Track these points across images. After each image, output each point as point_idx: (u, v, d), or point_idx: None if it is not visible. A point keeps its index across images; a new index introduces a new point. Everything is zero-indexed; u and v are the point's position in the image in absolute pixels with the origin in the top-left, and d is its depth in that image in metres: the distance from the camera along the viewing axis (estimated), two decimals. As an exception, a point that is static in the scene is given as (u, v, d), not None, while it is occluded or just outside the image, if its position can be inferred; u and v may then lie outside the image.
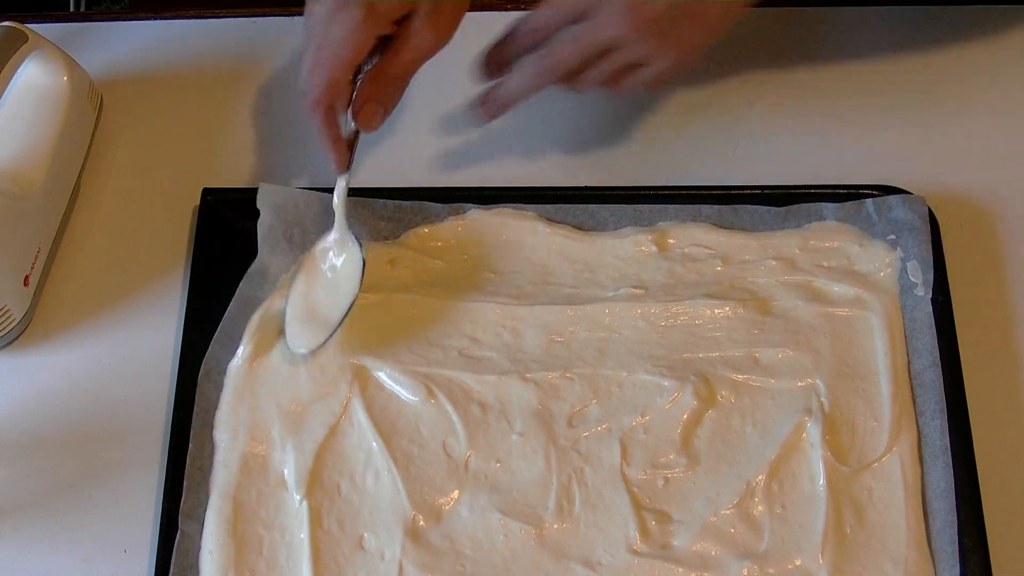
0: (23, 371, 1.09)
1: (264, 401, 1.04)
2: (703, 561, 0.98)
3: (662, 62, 1.06)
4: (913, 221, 1.08)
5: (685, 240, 1.11)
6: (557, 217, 1.12)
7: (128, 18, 1.30)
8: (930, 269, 1.07)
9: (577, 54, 1.05)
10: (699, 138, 1.20)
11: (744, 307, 1.07)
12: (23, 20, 1.13)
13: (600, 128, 1.20)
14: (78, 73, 1.17)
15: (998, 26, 1.26)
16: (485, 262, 1.10)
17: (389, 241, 1.11)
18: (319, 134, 1.04)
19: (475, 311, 1.07)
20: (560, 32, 1.05)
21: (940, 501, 0.99)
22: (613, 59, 1.06)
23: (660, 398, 1.03)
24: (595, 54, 1.05)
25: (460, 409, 1.03)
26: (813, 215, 1.11)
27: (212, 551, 0.98)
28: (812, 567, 0.97)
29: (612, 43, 1.04)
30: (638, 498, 1.00)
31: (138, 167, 1.19)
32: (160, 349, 1.09)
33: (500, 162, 1.18)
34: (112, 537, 1.02)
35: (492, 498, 1.00)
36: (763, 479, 1.00)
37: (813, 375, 1.04)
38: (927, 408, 1.02)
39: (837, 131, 1.20)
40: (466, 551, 0.98)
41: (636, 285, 1.09)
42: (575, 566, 0.98)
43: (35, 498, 1.03)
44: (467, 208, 1.12)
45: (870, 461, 1.01)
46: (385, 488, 1.01)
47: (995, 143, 1.19)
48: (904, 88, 1.22)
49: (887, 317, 1.06)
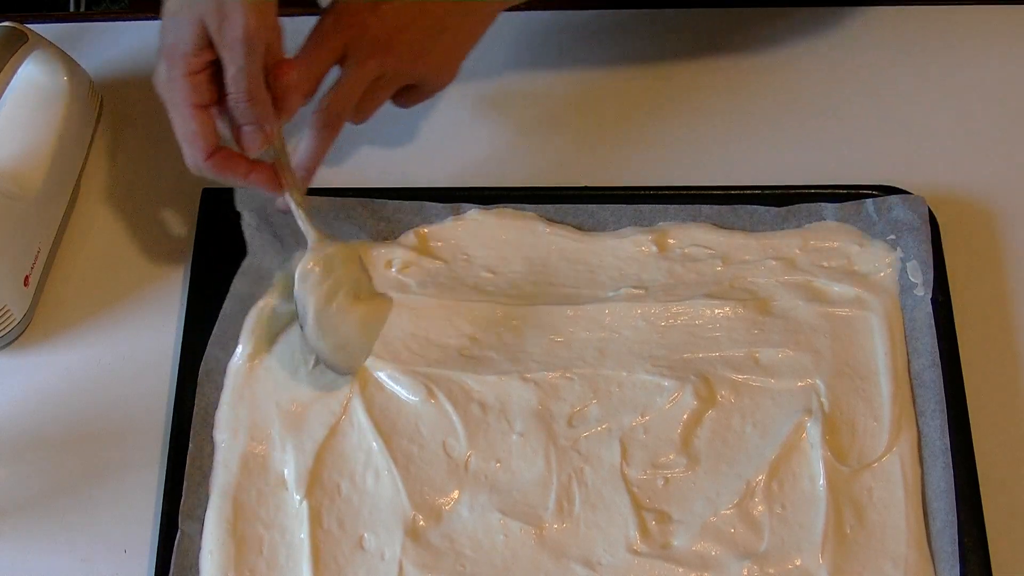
0: (23, 371, 1.09)
1: (264, 401, 1.04)
2: (703, 561, 0.98)
3: (428, 85, 1.12)
4: (913, 221, 1.08)
5: (685, 240, 1.11)
6: (557, 217, 1.12)
7: (128, 18, 1.30)
8: (930, 269, 1.07)
9: (350, 99, 1.07)
10: (699, 138, 1.20)
11: (744, 307, 1.07)
12: (23, 20, 1.13)
13: (600, 128, 1.20)
14: (78, 73, 1.17)
15: (997, 26, 1.26)
16: (485, 262, 1.10)
17: (389, 241, 1.11)
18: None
19: (475, 311, 1.07)
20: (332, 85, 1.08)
21: (940, 501, 0.99)
22: (384, 88, 1.09)
23: (660, 398, 1.03)
24: (365, 89, 1.08)
25: (460, 409, 1.03)
26: (813, 215, 1.11)
27: (212, 551, 0.98)
28: (812, 567, 0.97)
29: (377, 76, 1.07)
30: (638, 498, 1.00)
31: (138, 167, 1.19)
32: (160, 349, 1.09)
33: (500, 162, 1.18)
34: (112, 537, 1.02)
35: (492, 498, 1.00)
36: (763, 479, 1.00)
37: (813, 375, 1.04)
38: (927, 408, 1.02)
39: (837, 131, 1.20)
40: (466, 551, 0.99)
41: (636, 285, 1.09)
42: (575, 566, 0.98)
43: (35, 498, 1.03)
44: (467, 208, 1.12)
45: (870, 461, 1.01)
46: (385, 488, 1.01)
47: (995, 143, 1.19)
48: (904, 88, 1.22)
49: (887, 317, 1.06)
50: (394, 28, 1.06)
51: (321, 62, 1.06)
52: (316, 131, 1.07)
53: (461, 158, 1.19)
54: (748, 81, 1.23)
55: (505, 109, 1.22)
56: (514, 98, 1.23)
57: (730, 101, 1.22)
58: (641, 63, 1.24)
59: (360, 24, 1.06)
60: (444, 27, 1.08)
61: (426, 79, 1.11)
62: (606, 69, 1.24)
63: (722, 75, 1.24)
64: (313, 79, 1.06)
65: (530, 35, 1.26)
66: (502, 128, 1.20)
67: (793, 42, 1.25)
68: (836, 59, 1.24)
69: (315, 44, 1.06)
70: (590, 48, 1.25)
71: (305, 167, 1.07)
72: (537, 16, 1.27)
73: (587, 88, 1.23)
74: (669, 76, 1.24)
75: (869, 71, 1.23)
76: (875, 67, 1.24)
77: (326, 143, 1.07)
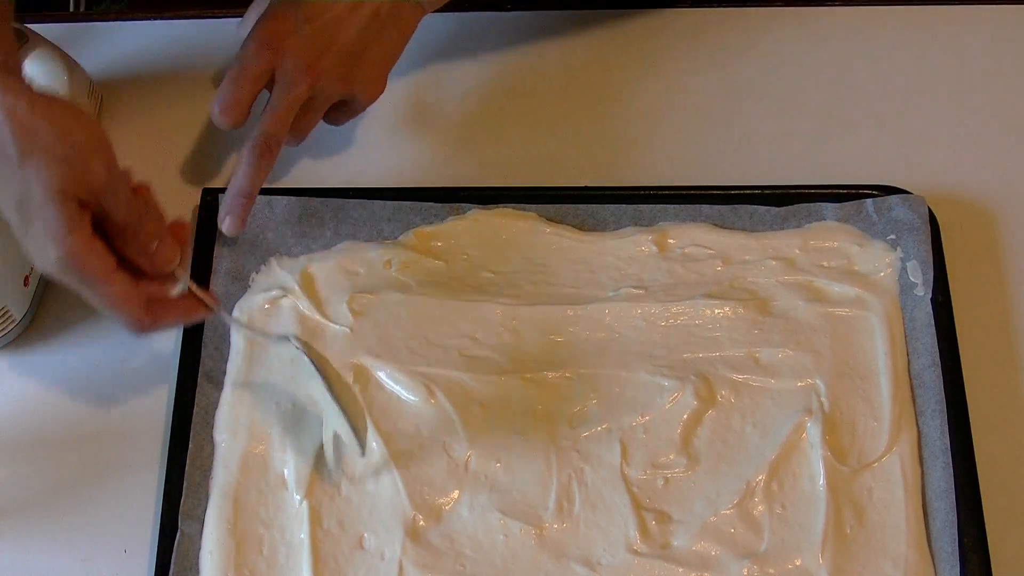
0: (23, 371, 1.09)
1: (263, 401, 1.04)
2: (703, 561, 0.98)
3: (359, 101, 1.14)
4: (913, 221, 1.08)
5: (685, 240, 1.11)
6: (557, 217, 1.12)
7: (128, 18, 1.30)
8: (930, 269, 1.07)
9: (284, 124, 1.09)
10: (699, 138, 1.20)
11: (744, 307, 1.07)
12: (23, 20, 1.13)
13: (600, 128, 1.20)
14: (78, 73, 1.17)
15: (997, 26, 1.26)
16: (485, 262, 1.10)
17: (389, 241, 1.11)
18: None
19: (475, 311, 1.07)
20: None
21: (940, 501, 0.99)
22: (316, 109, 1.11)
23: (660, 398, 1.03)
24: (297, 111, 1.09)
25: (460, 409, 1.03)
26: (813, 215, 1.11)
27: (212, 551, 0.98)
28: (812, 567, 0.97)
29: (308, 98, 1.09)
30: (638, 498, 1.00)
31: (138, 167, 1.17)
32: (160, 349, 1.09)
33: (500, 162, 1.18)
34: (112, 537, 1.02)
35: (492, 498, 1.00)
36: (763, 479, 1.00)
37: (813, 375, 1.05)
38: (927, 408, 1.03)
39: (838, 131, 1.20)
40: (466, 551, 0.99)
41: (636, 285, 1.09)
42: (575, 566, 0.98)
43: (35, 498, 1.03)
44: (467, 208, 1.12)
45: (870, 461, 1.01)
46: (385, 488, 1.01)
47: (995, 143, 1.19)
48: (904, 88, 1.22)
49: (887, 317, 1.06)
50: (318, 49, 1.08)
51: (248, 90, 1.08)
52: (253, 159, 1.08)
53: (461, 158, 1.19)
54: (748, 81, 1.23)
55: (505, 109, 1.22)
56: (514, 98, 1.22)
57: (730, 101, 1.22)
58: (641, 63, 1.24)
59: (284, 48, 1.08)
60: (367, 43, 1.10)
61: (356, 95, 1.12)
62: (607, 69, 1.24)
63: (722, 75, 1.24)
64: (242, 107, 1.08)
65: (529, 35, 1.26)
66: (502, 128, 1.20)
67: (793, 42, 1.25)
68: (836, 59, 1.24)
69: (241, 72, 1.08)
70: (590, 48, 1.25)
71: (245, 194, 1.08)
72: (535, 16, 1.27)
73: (587, 88, 1.23)
74: (670, 76, 1.24)
75: (869, 71, 1.23)
76: (875, 67, 1.24)
77: (264, 170, 1.08)
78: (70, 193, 0.88)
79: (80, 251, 0.89)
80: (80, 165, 0.88)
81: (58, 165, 0.87)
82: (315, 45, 1.08)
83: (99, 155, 0.90)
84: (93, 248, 0.90)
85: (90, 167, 0.89)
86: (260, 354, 1.06)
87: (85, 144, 0.88)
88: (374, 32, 1.10)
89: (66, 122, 0.88)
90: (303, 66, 1.07)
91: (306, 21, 1.08)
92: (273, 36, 1.08)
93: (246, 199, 1.08)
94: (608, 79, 1.23)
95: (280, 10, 1.09)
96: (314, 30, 1.08)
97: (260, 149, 1.07)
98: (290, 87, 1.07)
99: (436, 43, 1.25)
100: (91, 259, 0.90)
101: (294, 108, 1.08)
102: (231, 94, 1.08)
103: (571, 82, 1.23)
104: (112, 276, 0.92)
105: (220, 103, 1.08)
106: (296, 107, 1.08)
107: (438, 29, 1.25)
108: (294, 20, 1.08)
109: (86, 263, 0.90)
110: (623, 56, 1.25)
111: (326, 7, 1.08)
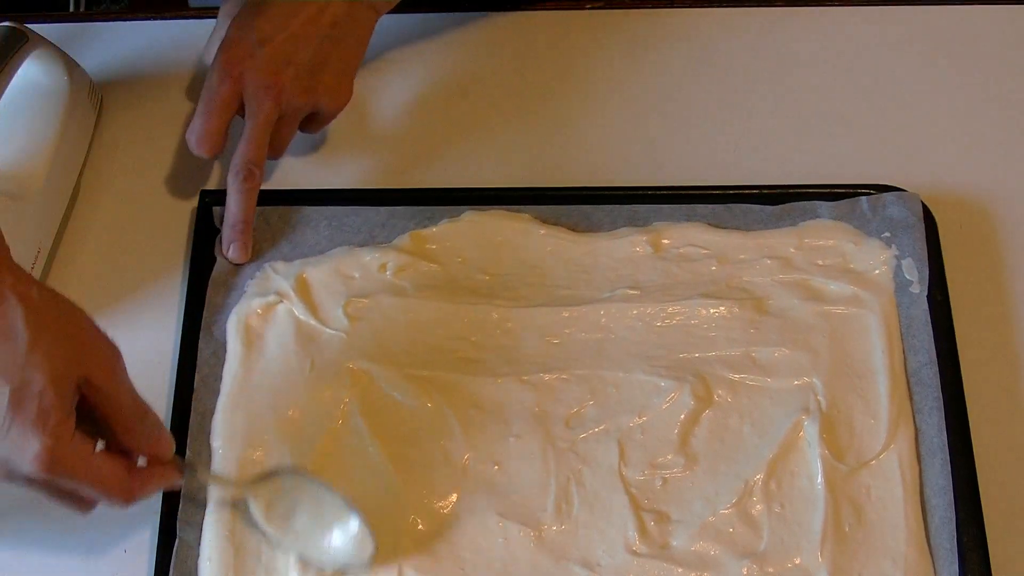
0: (23, 371, 1.09)
1: (260, 407, 1.04)
2: (702, 561, 0.98)
3: (327, 111, 1.15)
4: (908, 219, 1.09)
5: (680, 240, 1.10)
6: (552, 218, 1.12)
7: (128, 18, 1.31)
8: (925, 266, 1.07)
9: (262, 147, 1.11)
10: (694, 138, 1.19)
11: (740, 306, 1.07)
12: (23, 20, 1.13)
13: (594, 128, 1.20)
14: (78, 73, 1.17)
15: (997, 26, 1.25)
16: (480, 265, 1.10)
17: (384, 244, 1.11)
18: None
19: (471, 314, 1.07)
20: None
21: (939, 498, 0.99)
22: (289, 124, 1.13)
23: (657, 398, 1.03)
24: (271, 130, 1.11)
25: (457, 412, 1.03)
26: (808, 213, 1.11)
27: (211, 557, 0.98)
28: (811, 566, 0.97)
29: (279, 116, 1.11)
30: (636, 499, 1.00)
31: (138, 167, 1.19)
32: (160, 349, 1.09)
33: (494, 163, 1.18)
34: (112, 537, 1.02)
35: (491, 500, 1.00)
36: (761, 478, 1.00)
37: (810, 374, 1.04)
38: (924, 405, 1.03)
39: (834, 130, 1.20)
40: (465, 554, 0.98)
41: (632, 286, 1.09)
42: (574, 567, 0.98)
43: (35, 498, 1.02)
44: (462, 210, 1.12)
45: (868, 459, 1.01)
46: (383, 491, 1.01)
47: (993, 142, 1.19)
48: (902, 87, 1.22)
49: (883, 315, 1.06)
50: (277, 68, 1.10)
51: (218, 119, 1.11)
52: (239, 187, 1.09)
53: (455, 160, 1.19)
54: (743, 80, 1.23)
55: (499, 110, 1.22)
56: (507, 99, 1.23)
57: (725, 100, 1.22)
58: (635, 63, 1.24)
59: (244, 73, 1.10)
60: (326, 55, 1.12)
61: (323, 106, 1.14)
62: (600, 69, 1.24)
63: (717, 74, 1.24)
64: (217, 137, 1.11)
65: (525, 35, 1.26)
66: (496, 129, 1.20)
67: (788, 42, 1.25)
68: (832, 58, 1.24)
69: (208, 103, 1.11)
70: (585, 48, 1.25)
71: (243, 220, 1.10)
72: (532, 16, 1.27)
73: (581, 88, 1.23)
74: (664, 76, 1.24)
75: (865, 70, 1.23)
76: (872, 66, 1.23)
77: (253, 195, 1.10)
78: (72, 375, 0.86)
79: (65, 441, 0.85)
80: (88, 344, 0.88)
81: (67, 342, 0.86)
82: (273, 64, 1.10)
83: (103, 339, 0.89)
84: (79, 438, 0.87)
85: (97, 345, 0.88)
86: (257, 360, 1.06)
87: (91, 327, 0.89)
88: (331, 43, 1.12)
89: (71, 308, 0.88)
90: (264, 87, 1.09)
91: (261, 43, 1.10)
92: (232, 63, 1.10)
93: (244, 224, 1.10)
94: (602, 79, 1.23)
95: (236, 35, 1.11)
96: (271, 50, 1.10)
97: (244, 175, 1.09)
98: (258, 110, 1.09)
99: (431, 44, 1.25)
100: (78, 448, 0.86)
101: (267, 128, 1.10)
102: (203, 126, 1.10)
103: (565, 82, 1.23)
104: (96, 463, 0.88)
105: (195, 136, 1.11)
106: (269, 127, 1.10)
107: (435, 29, 1.25)
108: (250, 44, 1.10)
109: (71, 455, 0.86)
110: (617, 56, 1.25)
111: (279, 26, 1.10)
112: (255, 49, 1.10)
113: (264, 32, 1.10)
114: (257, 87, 1.10)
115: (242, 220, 1.10)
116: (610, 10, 1.27)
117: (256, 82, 1.10)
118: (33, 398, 0.84)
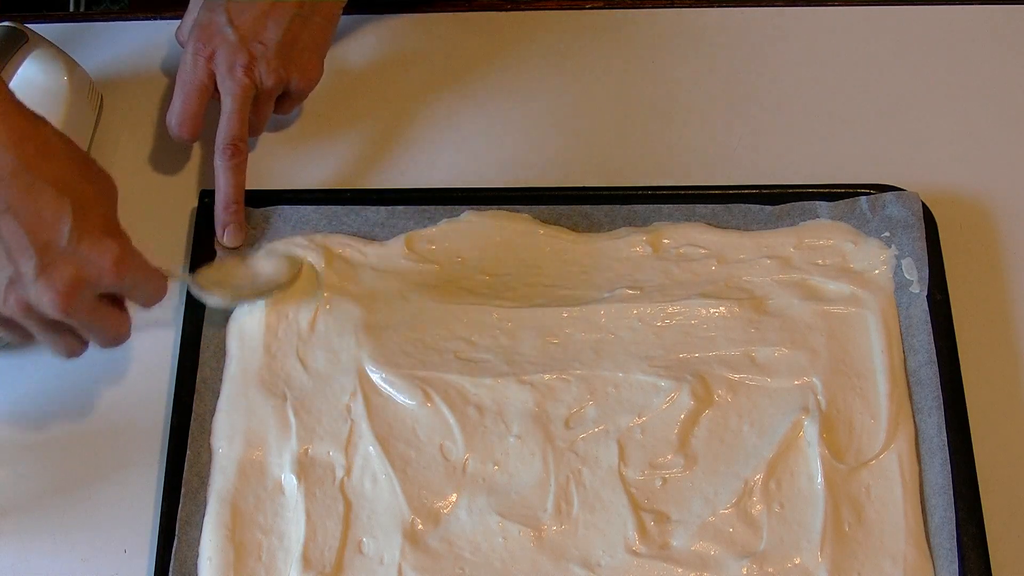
0: (23, 371, 1.09)
1: (260, 407, 1.04)
2: (702, 561, 0.98)
3: (298, 90, 1.17)
4: (907, 218, 1.09)
5: (680, 240, 1.11)
6: (551, 219, 1.12)
7: (128, 18, 1.31)
8: (925, 266, 1.07)
9: (242, 125, 1.12)
10: (694, 138, 1.19)
11: (740, 306, 1.07)
12: (23, 20, 1.14)
13: (593, 129, 1.20)
14: (78, 73, 1.17)
15: (997, 26, 1.25)
16: (480, 265, 1.10)
17: (383, 244, 1.11)
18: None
19: (470, 314, 1.07)
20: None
21: (938, 498, 0.99)
22: (265, 102, 1.15)
23: (657, 398, 1.03)
24: (249, 106, 1.13)
25: (457, 412, 1.03)
26: (807, 213, 1.11)
27: (211, 557, 0.98)
28: (811, 565, 0.97)
29: (255, 94, 1.13)
30: (636, 499, 1.00)
31: (138, 167, 1.19)
32: (159, 349, 1.09)
33: (493, 164, 1.18)
34: (112, 537, 1.02)
35: (490, 500, 1.00)
36: (761, 478, 1.00)
37: (810, 373, 1.05)
38: (924, 405, 1.03)
39: (834, 130, 1.20)
40: (465, 554, 0.99)
41: (631, 286, 1.09)
42: (574, 567, 0.98)
43: (35, 498, 1.03)
44: (462, 211, 1.12)
45: (868, 459, 1.01)
46: (383, 492, 1.01)
47: (993, 142, 1.19)
48: (901, 87, 1.22)
49: (883, 315, 1.06)
50: (249, 44, 1.12)
51: (195, 101, 1.13)
52: (227, 164, 1.11)
53: (454, 160, 1.19)
54: (743, 80, 1.23)
55: (499, 110, 1.22)
56: (507, 99, 1.22)
57: (725, 100, 1.22)
58: (635, 63, 1.24)
59: (215, 53, 1.12)
60: (295, 34, 1.14)
61: (294, 84, 1.16)
62: (600, 69, 1.24)
63: (716, 74, 1.24)
64: (195, 119, 1.13)
65: (523, 35, 1.26)
66: (496, 129, 1.20)
67: (788, 41, 1.25)
68: (832, 58, 1.24)
69: (183, 86, 1.13)
70: (585, 48, 1.25)
71: (233, 201, 1.11)
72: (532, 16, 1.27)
73: (580, 88, 1.23)
74: (663, 75, 1.24)
75: (865, 70, 1.23)
76: (871, 66, 1.23)
77: (241, 172, 1.12)
78: (114, 192, 0.97)
79: (129, 243, 0.96)
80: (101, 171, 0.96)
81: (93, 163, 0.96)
82: (244, 43, 1.12)
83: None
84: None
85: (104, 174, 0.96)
86: (257, 360, 1.06)
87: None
88: (300, 21, 1.14)
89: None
90: (235, 65, 1.11)
91: (230, 23, 1.12)
92: (203, 44, 1.13)
93: (236, 205, 1.11)
94: (602, 79, 1.23)
95: (206, 17, 1.14)
96: (240, 30, 1.12)
97: (230, 153, 1.11)
98: (232, 88, 1.11)
99: (431, 44, 1.25)
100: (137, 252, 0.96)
101: (246, 104, 1.12)
102: (181, 109, 1.12)
103: (565, 82, 1.23)
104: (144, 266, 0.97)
105: (175, 118, 1.13)
106: (247, 103, 1.12)
107: (435, 29, 1.25)
108: (220, 24, 1.12)
109: (137, 255, 0.96)
110: (617, 56, 1.25)
111: (248, 6, 1.13)
112: (225, 29, 1.12)
113: (233, 12, 1.12)
114: (230, 65, 1.11)
115: (234, 200, 1.11)
116: (610, 10, 1.27)
117: (228, 60, 1.11)
118: (92, 207, 0.92)
